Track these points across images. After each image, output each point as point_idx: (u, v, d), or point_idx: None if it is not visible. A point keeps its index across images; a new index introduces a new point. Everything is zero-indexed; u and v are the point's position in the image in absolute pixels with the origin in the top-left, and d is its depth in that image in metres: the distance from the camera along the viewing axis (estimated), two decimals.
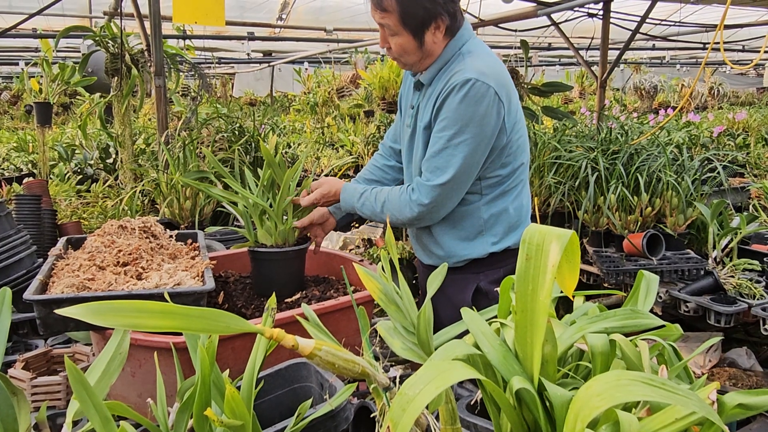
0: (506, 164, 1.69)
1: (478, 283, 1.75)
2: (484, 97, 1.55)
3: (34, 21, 5.06)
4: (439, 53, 1.66)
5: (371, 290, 0.92)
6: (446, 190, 1.62)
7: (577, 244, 0.77)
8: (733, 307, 2.24)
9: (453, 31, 1.65)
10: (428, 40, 1.62)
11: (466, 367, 0.68)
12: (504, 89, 1.60)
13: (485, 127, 1.57)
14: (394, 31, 1.61)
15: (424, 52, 1.64)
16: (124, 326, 0.60)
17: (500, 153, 1.66)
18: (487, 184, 1.70)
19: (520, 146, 1.71)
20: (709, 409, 0.60)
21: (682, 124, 5.17)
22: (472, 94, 1.55)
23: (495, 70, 1.61)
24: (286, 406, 1.19)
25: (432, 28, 1.60)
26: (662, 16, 6.54)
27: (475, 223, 1.73)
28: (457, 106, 1.56)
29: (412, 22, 1.58)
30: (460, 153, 1.58)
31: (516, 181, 1.74)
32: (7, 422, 0.87)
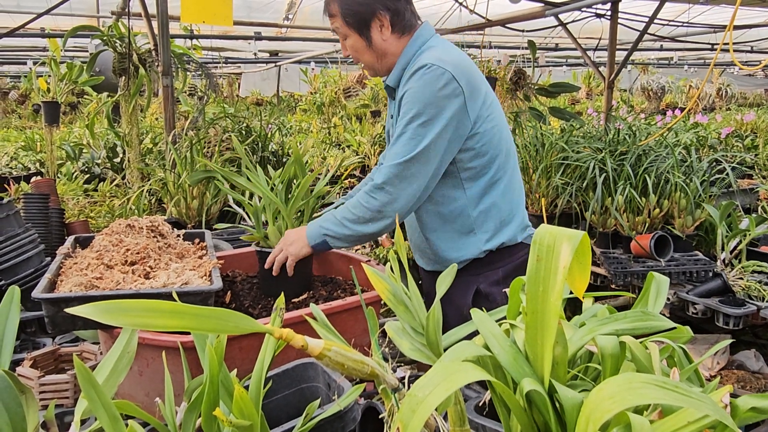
0: (481, 154, 1.67)
1: (478, 285, 1.74)
2: (439, 80, 1.56)
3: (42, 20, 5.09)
4: (397, 53, 1.69)
5: (380, 291, 0.92)
6: (405, 170, 1.59)
7: (588, 245, 0.76)
8: (742, 310, 2.23)
9: (404, 28, 1.68)
10: (375, 38, 1.67)
11: (476, 369, 0.68)
12: (464, 76, 1.60)
13: (443, 110, 1.57)
14: (344, 33, 1.70)
15: (376, 51, 1.69)
16: (133, 325, 0.60)
17: (469, 141, 1.65)
18: (466, 176, 1.68)
19: (495, 136, 1.69)
20: (723, 413, 0.60)
21: (689, 125, 5.15)
22: (427, 77, 1.57)
23: (454, 58, 1.62)
24: (293, 406, 1.19)
25: (375, 24, 1.65)
26: (670, 17, 6.51)
27: (465, 222, 1.71)
28: (413, 91, 1.59)
29: (354, 21, 1.65)
30: (418, 136, 1.58)
31: (500, 173, 1.71)
32: (15, 421, 0.87)
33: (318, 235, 1.66)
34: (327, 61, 9.29)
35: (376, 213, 1.62)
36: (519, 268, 1.76)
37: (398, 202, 1.61)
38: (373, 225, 1.63)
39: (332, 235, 1.65)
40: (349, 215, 1.64)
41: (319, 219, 1.69)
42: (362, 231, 1.64)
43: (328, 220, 1.66)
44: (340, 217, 1.65)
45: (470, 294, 1.74)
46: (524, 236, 1.78)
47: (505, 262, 1.75)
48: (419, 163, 1.59)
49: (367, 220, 1.62)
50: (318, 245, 1.67)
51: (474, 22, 5.05)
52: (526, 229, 1.80)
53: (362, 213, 1.62)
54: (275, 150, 3.76)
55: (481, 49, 4.86)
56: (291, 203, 1.75)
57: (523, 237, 1.78)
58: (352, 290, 1.80)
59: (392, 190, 1.60)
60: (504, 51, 6.51)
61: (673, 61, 11.65)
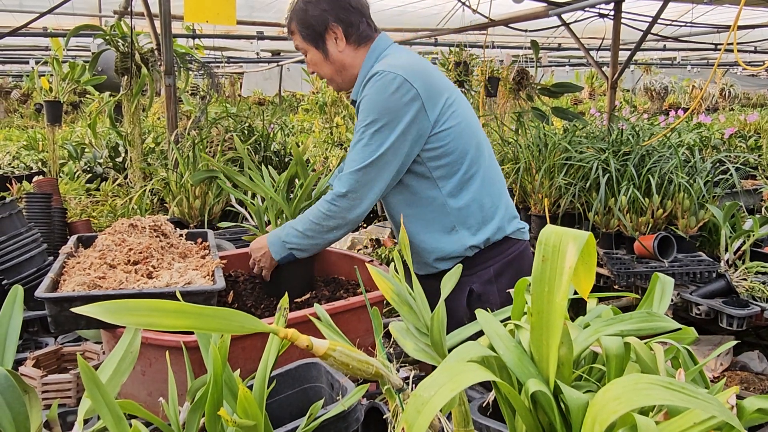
0: (449, 152, 1.68)
1: (471, 286, 1.74)
2: (392, 84, 1.59)
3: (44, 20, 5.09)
4: (356, 65, 1.73)
5: (384, 291, 0.91)
6: (364, 175, 1.62)
7: (594, 245, 0.76)
8: (746, 311, 2.22)
9: (359, 39, 1.73)
10: (331, 50, 1.72)
11: (481, 369, 0.67)
12: (418, 79, 1.62)
13: (398, 114, 1.60)
14: (304, 48, 1.76)
15: (333, 63, 1.74)
16: (138, 325, 0.60)
17: (434, 141, 1.66)
18: (438, 175, 1.69)
19: (462, 132, 1.69)
20: (729, 414, 0.59)
21: (692, 125, 5.14)
22: (380, 84, 1.60)
23: (408, 63, 1.64)
24: (297, 406, 1.19)
25: (330, 36, 1.71)
26: (673, 17, 6.50)
27: (445, 220, 1.72)
28: (367, 98, 1.62)
29: (309, 34, 1.71)
30: (375, 141, 1.61)
31: (473, 168, 1.71)
32: (18, 420, 0.87)
33: (282, 250, 1.70)
34: None
35: (340, 220, 1.65)
36: (510, 265, 1.76)
37: (361, 207, 1.65)
38: (337, 232, 1.67)
39: (297, 248, 1.69)
40: (312, 226, 1.66)
41: (280, 233, 1.70)
42: (328, 239, 1.68)
43: (290, 234, 1.69)
44: (303, 229, 1.67)
45: (464, 296, 1.73)
46: (512, 230, 1.78)
47: (496, 259, 1.75)
48: (377, 168, 1.62)
49: (331, 228, 1.66)
50: (284, 258, 1.71)
51: (477, 22, 5.04)
52: (512, 221, 1.80)
53: (326, 222, 1.65)
54: (277, 150, 3.76)
55: (483, 49, 4.86)
56: (294, 203, 1.75)
57: (511, 231, 1.77)
58: (354, 290, 1.80)
59: (354, 197, 1.63)
60: (507, 51, 6.51)
61: (676, 61, 11.64)
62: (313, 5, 1.69)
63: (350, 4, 1.70)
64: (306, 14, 1.70)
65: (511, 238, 1.77)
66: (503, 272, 1.74)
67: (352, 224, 1.67)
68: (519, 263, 1.78)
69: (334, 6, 1.69)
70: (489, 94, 4.56)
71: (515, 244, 1.78)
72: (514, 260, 1.77)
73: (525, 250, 1.82)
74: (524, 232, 1.82)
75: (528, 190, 3.20)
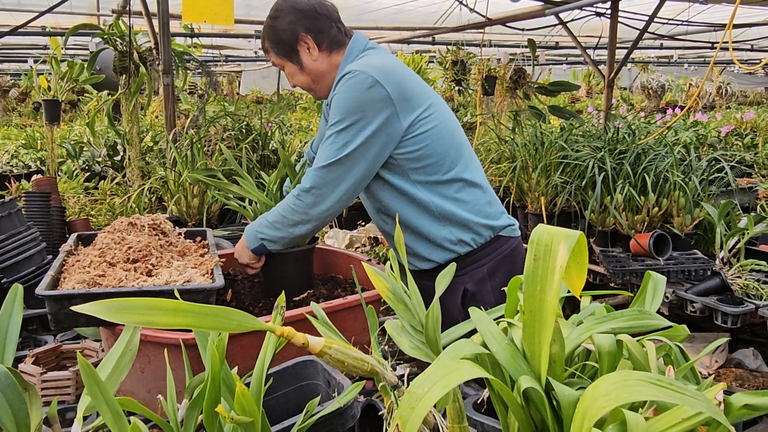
0: (426, 155, 1.68)
1: (465, 285, 1.74)
2: (362, 84, 1.59)
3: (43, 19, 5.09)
4: (331, 70, 1.74)
5: (380, 289, 0.93)
6: (329, 173, 1.61)
7: (585, 244, 0.77)
8: (740, 308, 2.24)
9: (332, 45, 1.73)
10: (306, 60, 1.73)
11: (474, 366, 0.69)
12: (390, 80, 1.61)
13: (367, 114, 1.59)
14: (280, 64, 1.78)
15: (309, 73, 1.75)
16: (138, 323, 0.61)
17: (409, 144, 1.66)
18: (417, 178, 1.69)
19: (440, 134, 1.69)
20: (716, 410, 0.61)
21: (689, 123, 5.16)
22: (350, 83, 1.60)
23: (381, 64, 1.64)
24: (294, 403, 1.20)
25: (302, 47, 1.72)
26: (670, 15, 6.51)
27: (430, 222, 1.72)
28: (338, 97, 1.62)
29: (282, 49, 1.73)
30: (342, 139, 1.61)
31: (454, 170, 1.71)
32: (19, 417, 0.88)
33: (255, 239, 1.70)
34: None
35: (303, 215, 1.65)
36: (503, 262, 1.77)
37: (324, 205, 1.64)
38: (302, 227, 1.66)
39: (267, 238, 1.69)
40: (279, 218, 1.67)
41: (255, 223, 1.72)
42: (293, 233, 1.67)
43: (262, 224, 1.70)
44: (272, 220, 1.68)
45: (458, 295, 1.74)
46: (501, 227, 1.78)
47: (489, 258, 1.76)
48: (344, 167, 1.62)
49: (296, 222, 1.65)
50: (256, 249, 1.71)
51: (474, 21, 5.05)
52: (500, 218, 1.80)
53: (291, 216, 1.65)
54: (275, 148, 3.77)
55: (481, 48, 4.87)
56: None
57: (501, 228, 1.78)
58: (352, 289, 1.81)
59: (318, 193, 1.63)
60: (504, 49, 6.52)
61: (673, 59, 11.66)
62: (279, 20, 1.70)
63: (316, 11, 1.70)
64: (274, 30, 1.71)
65: (502, 236, 1.78)
66: (497, 270, 1.75)
67: (316, 221, 1.66)
68: (512, 261, 1.78)
69: (299, 16, 1.69)
70: (486, 92, 4.57)
71: (507, 241, 1.79)
72: (506, 258, 1.77)
73: (517, 247, 1.82)
74: (515, 230, 1.83)
75: (525, 188, 3.21)
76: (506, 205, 3.20)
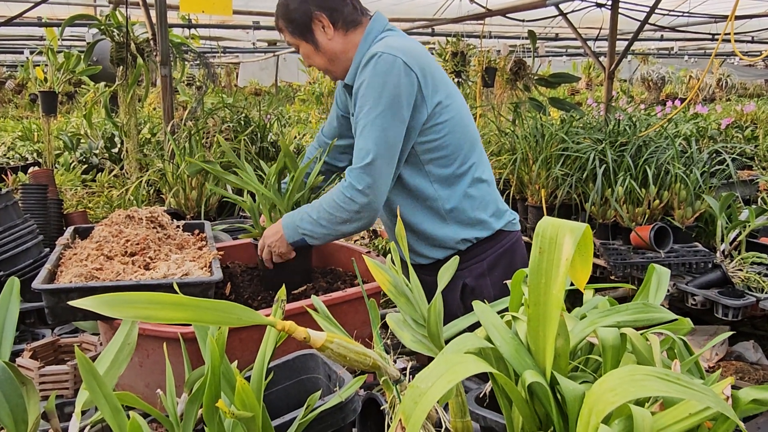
0: (443, 145, 1.66)
1: (464, 280, 1.73)
2: (393, 67, 1.55)
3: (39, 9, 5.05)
4: (348, 50, 1.69)
5: (381, 282, 0.92)
6: (374, 169, 1.57)
7: (590, 237, 0.76)
8: (741, 301, 2.23)
9: (347, 24, 1.68)
10: (321, 40, 1.68)
11: (478, 361, 0.68)
12: (416, 63, 1.58)
13: (398, 98, 1.56)
14: (295, 44, 1.73)
15: (325, 53, 1.70)
16: (136, 318, 0.60)
17: (429, 132, 1.63)
18: (431, 169, 1.67)
19: (457, 126, 1.67)
20: (724, 405, 0.60)
21: (689, 116, 5.14)
22: (379, 66, 1.56)
23: (405, 46, 1.61)
24: (294, 397, 1.19)
25: (317, 26, 1.67)
26: (671, 6, 6.48)
27: (437, 215, 1.70)
28: (366, 82, 1.57)
29: (296, 28, 1.69)
30: (377, 127, 1.56)
31: (466, 164, 1.70)
32: (16, 411, 0.87)
33: (295, 233, 1.66)
34: None
35: (355, 214, 1.61)
36: (502, 257, 1.75)
37: (378, 200, 1.60)
38: (351, 225, 1.63)
39: (309, 234, 1.66)
40: (326, 215, 1.62)
41: (295, 216, 1.67)
42: (341, 230, 1.64)
43: (304, 220, 1.65)
44: (317, 216, 1.64)
45: (458, 290, 1.73)
46: (503, 223, 1.77)
47: (489, 252, 1.74)
48: (386, 156, 1.58)
49: (345, 221, 1.62)
50: (296, 242, 1.68)
51: (474, 12, 5.02)
52: (503, 214, 1.79)
53: (340, 214, 1.61)
54: (274, 140, 3.75)
55: (481, 39, 4.84)
56: (287, 196, 1.73)
57: (502, 224, 1.76)
58: (352, 281, 1.80)
59: (371, 193, 1.58)
60: (504, 41, 6.48)
61: (674, 51, 11.61)
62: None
63: None
64: (288, 9, 1.67)
65: (503, 231, 1.76)
66: (496, 265, 1.73)
67: (368, 219, 1.62)
68: (511, 255, 1.77)
69: None
70: (486, 84, 4.55)
71: (507, 236, 1.77)
72: (506, 252, 1.76)
73: (517, 242, 1.81)
74: (515, 224, 1.81)
75: (525, 181, 3.20)
76: (506, 197, 3.19)
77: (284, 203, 1.76)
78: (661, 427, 0.66)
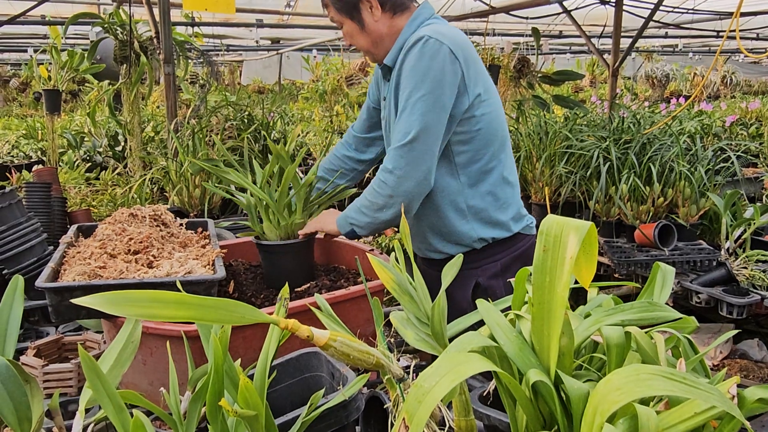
0: (477, 139, 1.64)
1: (477, 279, 1.72)
2: (438, 53, 1.53)
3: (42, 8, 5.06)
4: (392, 33, 1.67)
5: (384, 280, 0.91)
6: (410, 151, 1.55)
7: (595, 235, 0.76)
8: (746, 299, 2.22)
9: (395, 7, 1.66)
10: (367, 20, 1.66)
11: (482, 360, 0.67)
12: (461, 52, 1.57)
13: (442, 83, 1.54)
14: (339, 21, 1.69)
15: (370, 34, 1.67)
16: (139, 316, 0.60)
17: (466, 124, 1.62)
18: (460, 162, 1.65)
19: (492, 122, 1.66)
20: (730, 404, 0.60)
21: (693, 113, 5.12)
22: (425, 50, 1.54)
23: (452, 34, 1.59)
24: (297, 395, 1.19)
25: (365, 6, 1.64)
26: (675, 3, 6.45)
27: (458, 210, 1.69)
28: (411, 65, 1.56)
29: (344, 6, 1.65)
30: (418, 110, 1.54)
31: (494, 162, 1.68)
32: (20, 409, 0.87)
33: (346, 224, 1.68)
34: (329, 48, 9.24)
35: (388, 198, 1.59)
36: (517, 260, 1.74)
37: (408, 184, 1.57)
38: (387, 211, 1.61)
39: (356, 224, 1.66)
40: (366, 202, 1.63)
41: (349, 207, 1.70)
42: (380, 218, 1.62)
43: (351, 209, 1.67)
44: (359, 205, 1.65)
45: (469, 288, 1.72)
46: (521, 226, 1.76)
47: (504, 253, 1.73)
48: (425, 142, 1.55)
49: (381, 207, 1.60)
50: (348, 234, 1.69)
51: (478, 9, 5.01)
52: (522, 218, 1.78)
53: (375, 199, 1.61)
54: (277, 138, 3.74)
55: (484, 37, 4.83)
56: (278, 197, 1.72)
57: (520, 227, 1.75)
58: (355, 279, 1.80)
59: (400, 174, 1.56)
60: (507, 39, 6.47)
61: (678, 48, 11.56)
62: None
63: None
64: None
65: (520, 233, 1.75)
66: (510, 267, 1.71)
67: (398, 205, 1.60)
68: (526, 259, 1.74)
69: None
70: None
71: (524, 239, 1.76)
72: (521, 255, 1.74)
73: (532, 246, 1.79)
74: (532, 227, 1.80)
75: (528, 178, 3.19)
76: None
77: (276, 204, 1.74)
78: (666, 426, 0.66)
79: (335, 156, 2.00)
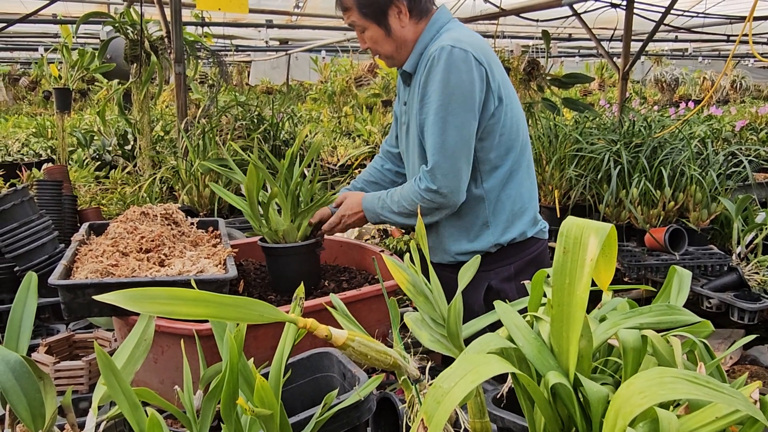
0: (500, 144, 1.64)
1: (489, 282, 1.71)
2: (464, 62, 1.53)
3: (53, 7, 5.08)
4: (415, 39, 1.65)
5: (399, 281, 0.91)
6: (449, 167, 1.56)
7: (615, 238, 0.75)
8: (758, 304, 2.21)
9: (421, 13, 1.64)
10: (395, 27, 1.62)
11: (500, 361, 0.67)
12: (484, 57, 1.57)
13: (471, 92, 1.54)
14: (362, 26, 1.64)
15: (396, 40, 1.64)
16: (158, 313, 0.60)
17: (492, 128, 1.61)
18: (484, 168, 1.65)
19: (514, 127, 1.65)
20: (755, 409, 0.59)
21: (703, 117, 5.09)
22: (451, 60, 1.53)
23: (473, 40, 1.59)
24: (308, 395, 1.19)
25: (393, 11, 1.60)
26: (686, 7, 6.42)
27: (479, 215, 1.68)
28: (439, 78, 1.54)
29: (371, 11, 1.60)
30: (451, 124, 1.54)
31: (515, 166, 1.68)
32: (34, 405, 0.87)
33: (376, 218, 1.72)
34: (338, 49, 9.25)
35: (436, 209, 1.63)
36: (530, 264, 1.73)
37: (456, 196, 1.60)
38: (438, 213, 1.65)
39: (390, 221, 1.70)
40: (405, 210, 1.64)
41: (376, 204, 1.71)
42: (426, 221, 1.64)
43: (384, 208, 1.69)
44: (398, 210, 1.66)
45: (482, 290, 1.71)
46: (535, 231, 1.75)
47: (517, 257, 1.72)
48: (461, 154, 1.56)
49: (415, 214, 1.62)
50: (375, 223, 1.75)
51: (487, 11, 5.00)
52: (537, 223, 1.77)
53: (413, 208, 1.62)
54: (286, 139, 3.75)
55: (494, 39, 4.82)
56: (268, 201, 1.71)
57: (534, 231, 1.75)
58: (363, 280, 1.79)
59: (446, 191, 1.58)
60: (517, 41, 6.46)
61: (688, 52, 11.50)
62: None
63: None
64: None
65: (534, 238, 1.74)
66: (523, 270, 1.70)
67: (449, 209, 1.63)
68: (540, 262, 1.74)
69: None
70: None
71: (536, 243, 1.75)
72: (535, 259, 1.73)
73: (545, 249, 1.79)
74: (545, 232, 1.79)
75: (538, 181, 3.18)
76: None
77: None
78: (686, 430, 0.65)
79: (375, 168, 1.99)
